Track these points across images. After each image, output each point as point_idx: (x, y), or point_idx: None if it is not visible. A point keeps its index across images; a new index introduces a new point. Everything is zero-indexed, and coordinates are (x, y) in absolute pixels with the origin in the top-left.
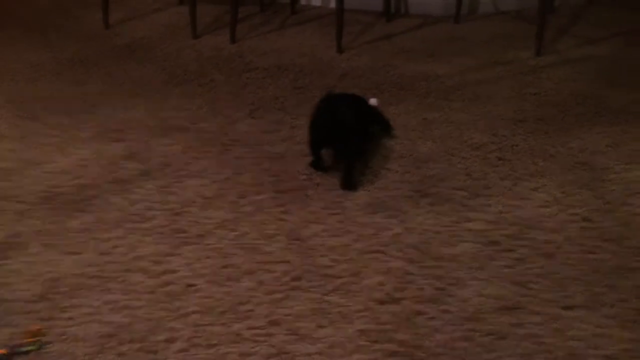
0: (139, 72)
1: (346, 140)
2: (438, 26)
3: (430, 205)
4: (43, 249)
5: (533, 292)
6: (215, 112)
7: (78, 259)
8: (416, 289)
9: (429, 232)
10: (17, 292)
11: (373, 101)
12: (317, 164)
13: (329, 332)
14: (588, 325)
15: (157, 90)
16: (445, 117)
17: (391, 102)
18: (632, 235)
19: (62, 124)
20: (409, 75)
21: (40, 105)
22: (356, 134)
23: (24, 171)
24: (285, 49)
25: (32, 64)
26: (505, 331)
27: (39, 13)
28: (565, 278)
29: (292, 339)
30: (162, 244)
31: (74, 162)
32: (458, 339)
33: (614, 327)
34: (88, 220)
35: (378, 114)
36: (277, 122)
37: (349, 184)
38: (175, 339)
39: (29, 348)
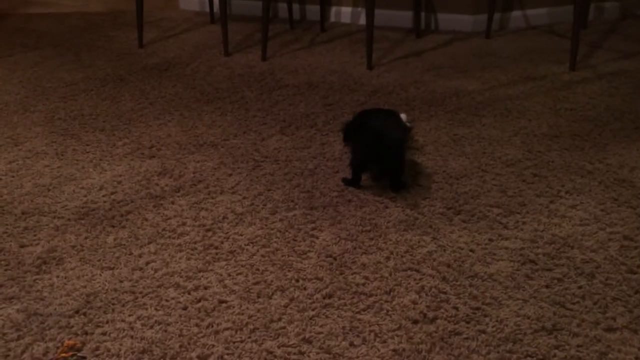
0: (171, 90)
1: (396, 161)
2: (468, 42)
3: (464, 222)
4: (79, 264)
5: (573, 312)
6: (247, 129)
7: (112, 274)
8: (451, 308)
9: (463, 250)
10: (52, 306)
11: (402, 117)
12: (353, 182)
13: (362, 351)
14: (631, 348)
15: (189, 107)
16: (476, 133)
17: (422, 118)
18: None
19: (97, 141)
20: (440, 91)
21: (75, 122)
22: (403, 155)
23: (61, 187)
24: (315, 66)
25: (66, 82)
26: (544, 353)
27: (72, 33)
28: (606, 299)
29: (325, 357)
30: (194, 260)
31: (109, 178)
32: None
33: None
34: (122, 235)
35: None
36: (307, 139)
37: (400, 186)
38: (207, 355)
39: None
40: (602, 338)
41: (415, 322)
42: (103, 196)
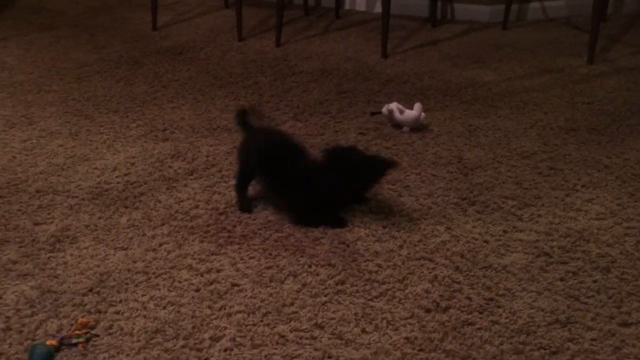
0: (185, 74)
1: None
2: (485, 32)
3: (479, 213)
4: (92, 243)
5: (587, 306)
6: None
7: (126, 255)
8: (464, 298)
9: (477, 241)
10: (66, 284)
11: (417, 106)
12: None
13: (374, 338)
14: None
15: (202, 91)
16: (492, 124)
17: (436, 108)
18: None
19: (111, 122)
20: (455, 82)
21: (89, 103)
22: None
23: (75, 167)
24: (329, 53)
25: (80, 63)
26: (557, 345)
27: (87, 13)
28: (621, 293)
29: (337, 343)
30: (207, 243)
31: (123, 159)
32: (508, 351)
33: None
34: (135, 216)
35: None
36: (321, 126)
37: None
38: (219, 337)
39: (78, 340)
40: (617, 332)
41: (428, 310)
42: (116, 177)
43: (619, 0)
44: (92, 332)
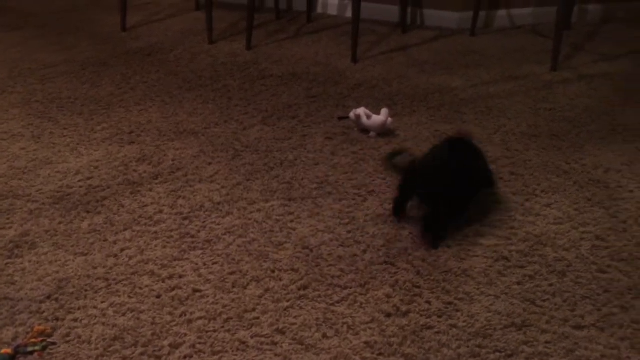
0: (153, 76)
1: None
2: (453, 39)
3: None
4: (52, 249)
5: (543, 310)
6: (228, 118)
7: (86, 260)
8: (424, 303)
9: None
10: (24, 291)
11: (384, 111)
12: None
13: (335, 343)
14: (598, 345)
15: (171, 94)
16: (457, 130)
17: (404, 113)
18: None
19: (75, 125)
20: (423, 87)
21: (53, 105)
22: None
23: (37, 170)
24: (300, 57)
25: (46, 64)
26: (513, 349)
27: (55, 14)
28: (575, 297)
29: (297, 348)
30: (170, 248)
31: (86, 163)
32: (465, 355)
33: (625, 349)
34: (97, 221)
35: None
36: (289, 130)
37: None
38: (179, 344)
39: (34, 348)
40: (570, 335)
41: (389, 315)
42: (79, 181)
43: (583, 9)
44: (49, 340)
